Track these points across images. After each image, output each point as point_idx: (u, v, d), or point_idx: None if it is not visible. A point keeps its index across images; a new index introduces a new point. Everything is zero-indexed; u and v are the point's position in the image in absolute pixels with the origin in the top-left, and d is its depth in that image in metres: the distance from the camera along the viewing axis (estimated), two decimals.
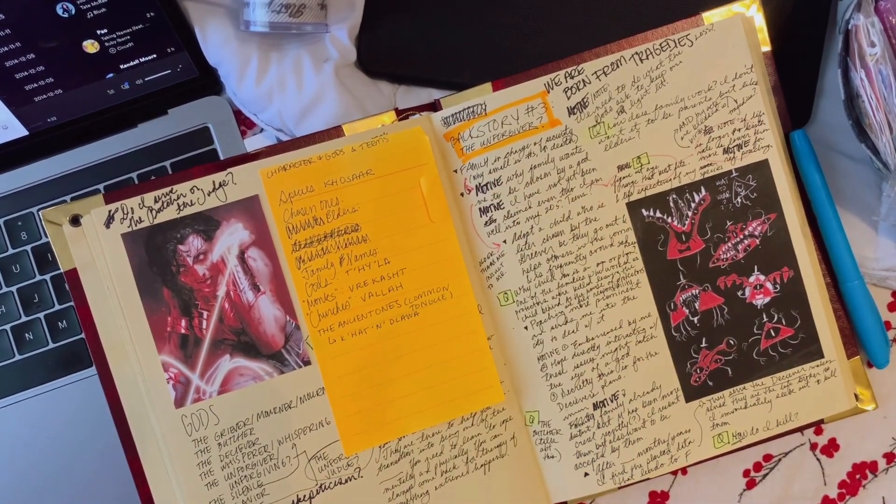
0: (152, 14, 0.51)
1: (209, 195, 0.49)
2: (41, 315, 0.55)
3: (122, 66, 0.53)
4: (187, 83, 0.55)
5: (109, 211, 0.48)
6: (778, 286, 0.51)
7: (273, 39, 0.54)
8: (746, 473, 0.55)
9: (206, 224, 0.49)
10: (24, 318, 0.55)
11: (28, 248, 0.55)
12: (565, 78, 0.51)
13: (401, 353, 0.50)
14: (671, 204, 0.51)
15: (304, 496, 0.49)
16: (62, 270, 0.49)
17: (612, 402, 0.51)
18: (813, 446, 0.55)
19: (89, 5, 0.49)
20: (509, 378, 0.51)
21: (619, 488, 0.52)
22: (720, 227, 0.51)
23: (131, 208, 0.49)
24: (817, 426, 0.54)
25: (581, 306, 0.51)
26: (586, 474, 0.51)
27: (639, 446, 0.51)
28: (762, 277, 0.51)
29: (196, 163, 0.55)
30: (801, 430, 0.52)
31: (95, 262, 0.49)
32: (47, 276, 0.55)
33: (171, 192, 0.49)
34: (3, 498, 0.54)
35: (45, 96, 0.52)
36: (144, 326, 0.48)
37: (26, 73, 0.51)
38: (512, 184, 0.51)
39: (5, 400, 0.54)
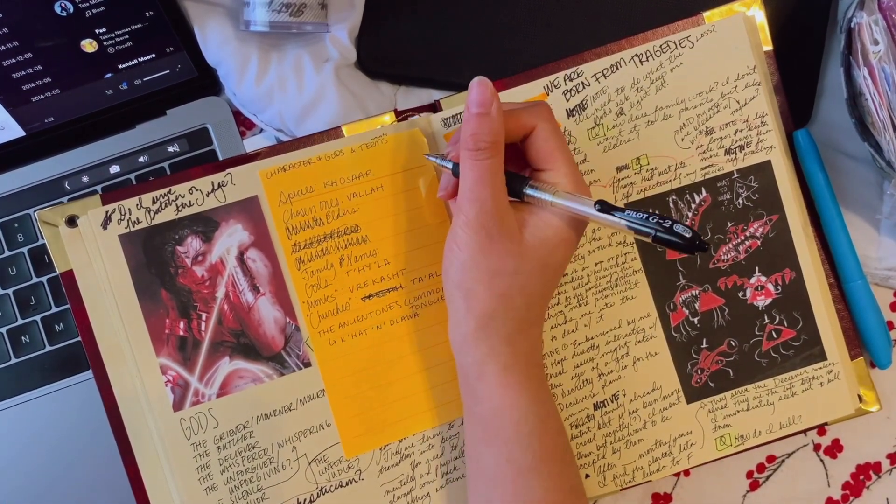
0: (151, 13, 0.50)
1: (208, 196, 0.49)
2: (38, 318, 0.54)
3: (120, 66, 0.53)
4: (186, 83, 0.55)
5: (107, 212, 0.48)
6: (779, 287, 0.51)
7: (273, 39, 0.54)
8: (750, 475, 0.55)
9: (205, 225, 0.49)
10: (20, 321, 0.54)
11: (25, 249, 0.54)
12: (564, 81, 0.50)
13: (401, 355, 0.50)
14: (671, 205, 0.51)
15: (305, 499, 0.49)
16: (58, 272, 0.48)
17: (612, 402, 0.51)
18: (816, 447, 0.55)
19: (88, 4, 0.49)
20: None
21: (621, 490, 0.51)
22: (721, 227, 0.51)
23: (129, 209, 0.48)
24: (821, 427, 0.54)
25: (580, 305, 0.51)
26: (587, 476, 0.51)
27: (640, 447, 0.51)
28: (763, 279, 0.51)
29: (195, 163, 0.55)
30: (804, 431, 0.52)
31: (92, 263, 0.48)
32: (44, 279, 0.54)
33: (169, 192, 0.48)
34: (1, 501, 0.53)
35: (42, 96, 0.52)
36: (142, 329, 0.48)
37: (24, 73, 0.50)
38: None
39: (1, 404, 0.54)
